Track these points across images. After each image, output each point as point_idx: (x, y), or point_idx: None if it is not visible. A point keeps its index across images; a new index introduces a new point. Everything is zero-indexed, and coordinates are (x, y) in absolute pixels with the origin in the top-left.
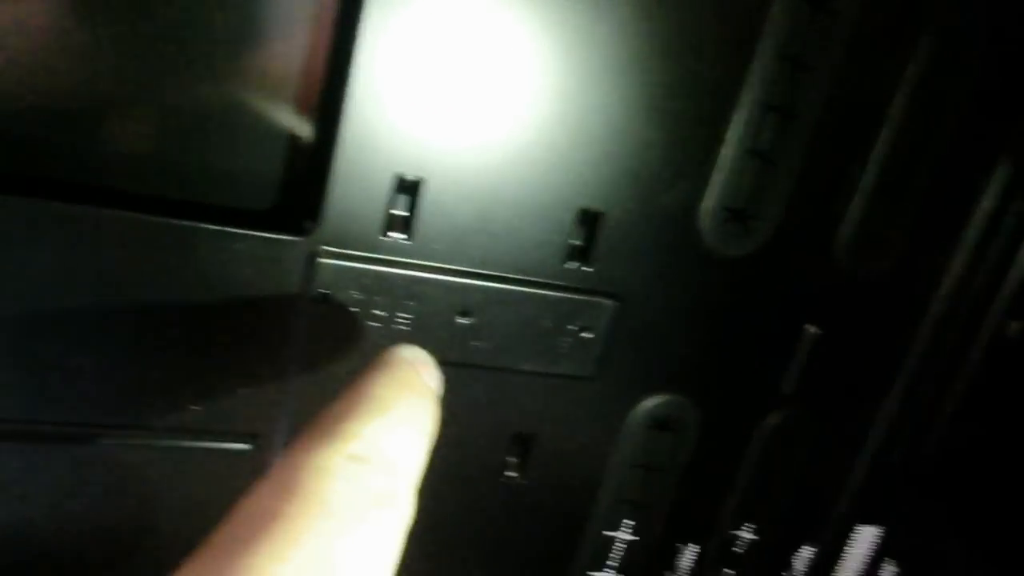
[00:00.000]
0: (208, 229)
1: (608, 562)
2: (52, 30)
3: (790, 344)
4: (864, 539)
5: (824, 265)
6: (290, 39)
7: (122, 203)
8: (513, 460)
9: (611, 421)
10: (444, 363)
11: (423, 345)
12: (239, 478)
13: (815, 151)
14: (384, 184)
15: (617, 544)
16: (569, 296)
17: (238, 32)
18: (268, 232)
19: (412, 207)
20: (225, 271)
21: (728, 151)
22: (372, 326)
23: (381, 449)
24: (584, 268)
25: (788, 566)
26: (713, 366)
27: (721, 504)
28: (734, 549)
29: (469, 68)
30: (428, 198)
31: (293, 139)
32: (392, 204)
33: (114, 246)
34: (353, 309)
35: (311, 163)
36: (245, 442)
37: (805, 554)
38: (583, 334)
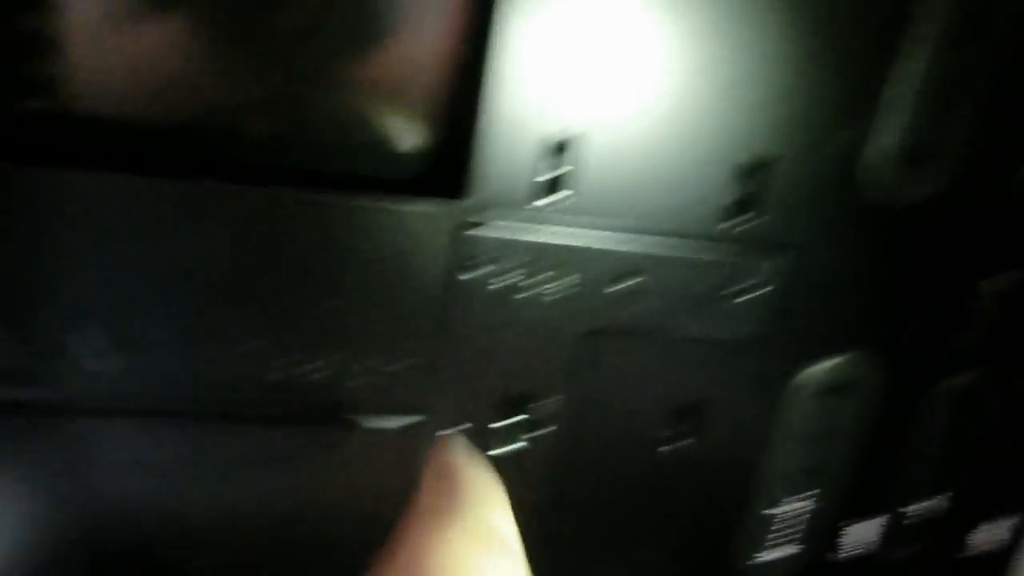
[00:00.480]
0: (352, 202)
1: (779, 537)
2: (203, 23)
3: (976, 297)
4: None
5: (1012, 209)
6: None
7: (266, 179)
8: (677, 432)
9: (781, 386)
10: (601, 332)
11: (580, 314)
12: (400, 453)
13: (1000, 86)
14: (533, 146)
15: (789, 518)
16: (735, 252)
17: None
18: (414, 203)
19: (564, 168)
20: (372, 246)
21: (902, 88)
22: (527, 296)
23: None
24: (751, 222)
25: (977, 540)
26: (892, 323)
27: (902, 473)
28: (916, 522)
29: (619, 16)
30: (580, 157)
31: (436, 103)
32: (542, 166)
33: (260, 224)
34: (507, 279)
35: (457, 127)
36: (404, 417)
37: (998, 527)
38: (751, 293)
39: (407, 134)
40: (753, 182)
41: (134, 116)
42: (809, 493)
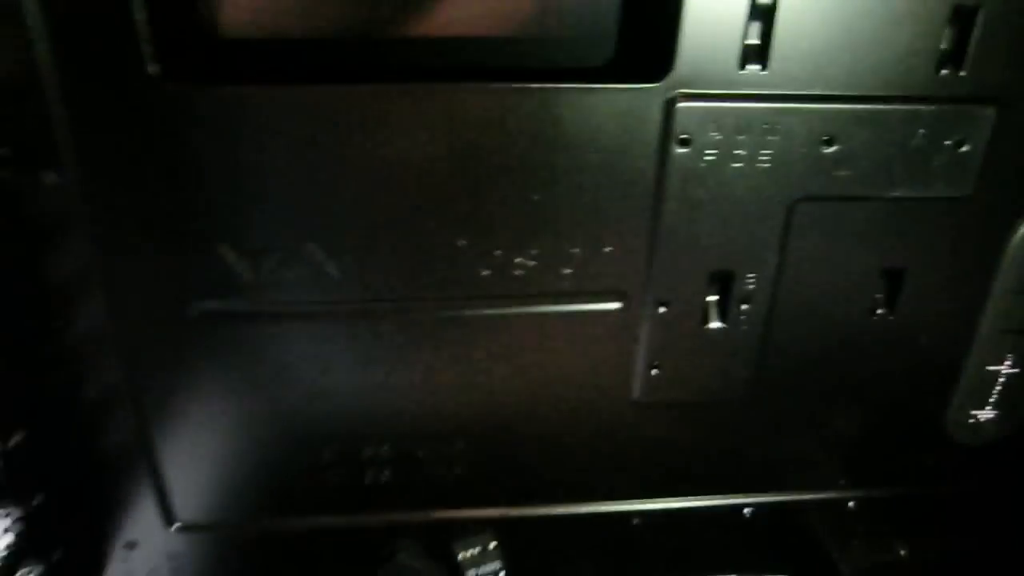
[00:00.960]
0: (563, 90)
1: (991, 399)
2: None
3: None
4: None
5: None
6: None
7: (479, 77)
8: (882, 296)
9: (991, 244)
10: (808, 199)
11: (785, 181)
12: (608, 336)
13: None
14: (737, 13)
15: (1001, 380)
16: (943, 108)
17: None
18: (623, 82)
19: (767, 34)
20: (584, 129)
21: None
22: (734, 168)
23: None
24: (959, 74)
25: None
26: None
27: None
28: None
29: None
30: (784, 20)
31: None
32: (747, 33)
33: (474, 121)
34: (713, 152)
35: (659, 3)
36: (613, 301)
37: None
38: (960, 148)
39: (611, 12)
40: (961, 31)
41: (347, 32)
42: None
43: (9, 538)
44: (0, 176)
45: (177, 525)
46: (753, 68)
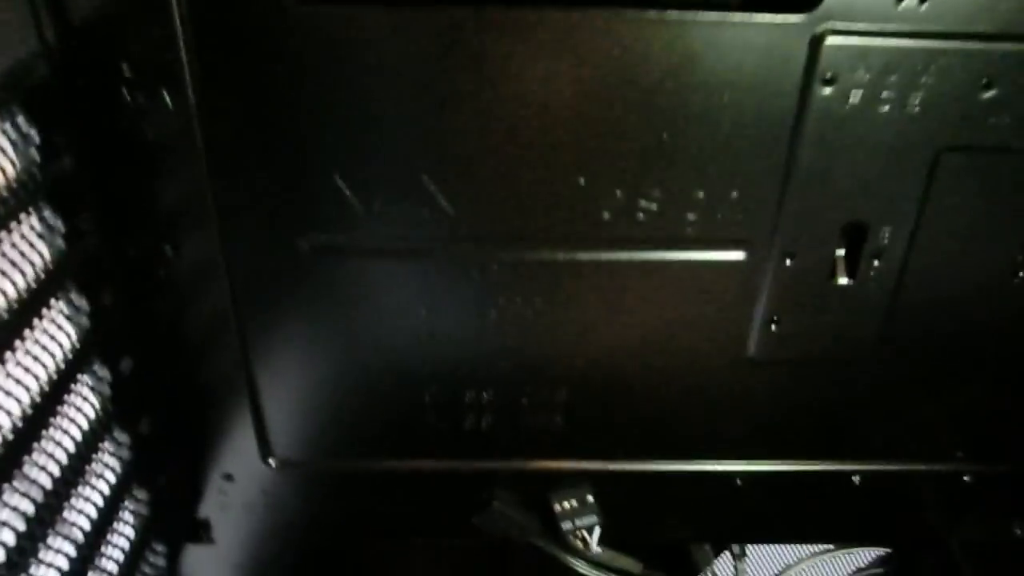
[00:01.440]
0: (700, 19)
1: None
2: None
3: None
4: None
5: None
6: None
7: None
8: None
9: None
10: (957, 148)
11: (935, 127)
12: (727, 288)
13: None
14: None
15: None
16: None
17: None
18: (767, 15)
19: None
20: (721, 63)
21: None
22: (881, 111)
23: None
24: None
25: None
26: None
27: None
28: None
29: None
30: None
31: None
32: None
33: (604, 50)
34: (860, 93)
35: None
36: (737, 250)
37: None
38: None
39: None
40: None
41: None
42: None
43: (117, 463)
44: (122, 94)
45: (273, 460)
46: (910, 2)
